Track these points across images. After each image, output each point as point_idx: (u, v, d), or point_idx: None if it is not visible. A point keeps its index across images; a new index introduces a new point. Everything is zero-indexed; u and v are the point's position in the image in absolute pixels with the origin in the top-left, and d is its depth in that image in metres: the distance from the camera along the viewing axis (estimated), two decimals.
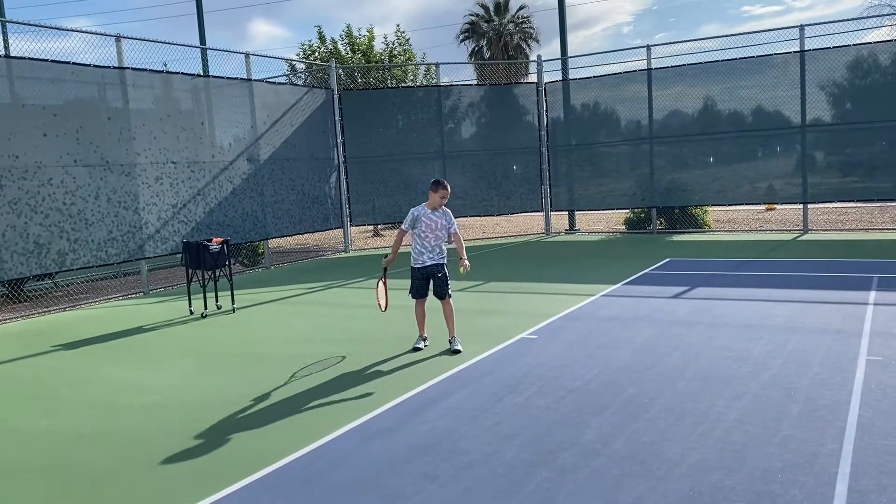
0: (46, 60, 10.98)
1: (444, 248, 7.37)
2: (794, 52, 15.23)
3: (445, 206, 7.31)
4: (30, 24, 11.24)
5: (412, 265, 7.35)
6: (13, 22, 12.16)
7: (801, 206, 16.02)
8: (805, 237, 14.99)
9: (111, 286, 13.44)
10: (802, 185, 15.53)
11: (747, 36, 17.98)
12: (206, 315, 9.99)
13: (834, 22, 14.90)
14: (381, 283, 7.44)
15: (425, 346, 7.45)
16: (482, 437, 4.84)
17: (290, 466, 4.56)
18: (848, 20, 16.64)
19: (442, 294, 7.30)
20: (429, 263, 7.26)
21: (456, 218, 7.59)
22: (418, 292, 7.38)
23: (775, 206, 19.43)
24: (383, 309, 7.47)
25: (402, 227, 7.38)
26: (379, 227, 22.09)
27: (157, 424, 5.58)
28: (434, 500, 3.97)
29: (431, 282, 7.33)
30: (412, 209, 7.29)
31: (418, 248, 7.28)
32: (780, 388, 5.47)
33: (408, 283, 7.42)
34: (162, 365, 7.51)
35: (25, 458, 5.03)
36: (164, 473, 4.60)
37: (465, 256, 7.09)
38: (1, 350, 8.68)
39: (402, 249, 7.55)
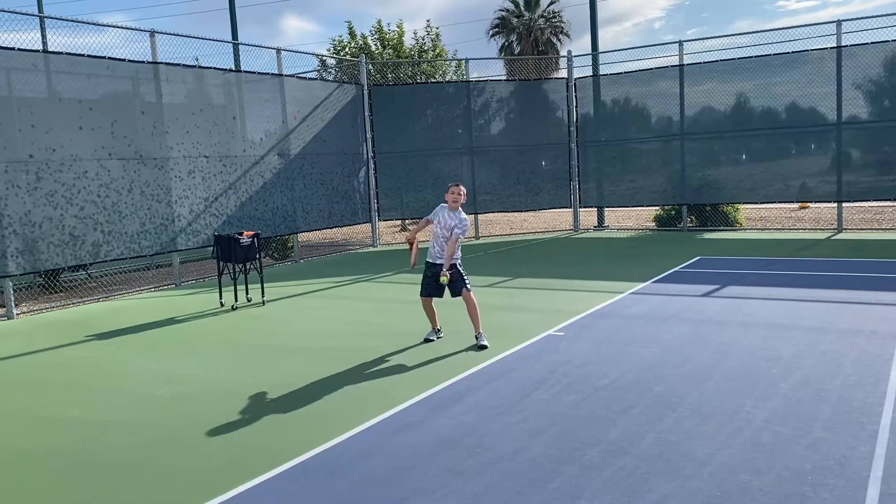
0: (83, 55, 11.18)
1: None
2: (831, 48, 14.95)
3: (461, 208, 7.35)
4: (66, 20, 11.45)
5: (427, 259, 7.46)
6: (51, 17, 12.41)
7: (835, 204, 15.75)
8: (839, 236, 14.73)
9: (144, 278, 13.66)
10: (837, 184, 15.26)
11: (782, 31, 17.73)
12: (236, 307, 10.11)
13: (872, 17, 14.63)
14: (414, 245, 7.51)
15: (438, 338, 7.54)
16: (508, 433, 4.85)
17: (317, 459, 4.61)
18: (886, 15, 16.28)
19: (456, 291, 7.29)
20: (438, 261, 7.30)
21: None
22: (425, 290, 7.43)
23: (809, 204, 19.11)
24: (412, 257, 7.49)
25: (429, 216, 7.51)
26: (407, 221, 22.14)
27: (187, 414, 5.67)
28: (458, 495, 3.99)
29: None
30: (441, 203, 7.43)
31: (432, 242, 7.42)
32: (812, 389, 5.39)
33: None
34: (193, 356, 7.63)
35: (57, 445, 5.14)
36: (191, 463, 4.68)
37: (447, 268, 7.12)
38: (37, 339, 8.87)
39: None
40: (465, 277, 7.36)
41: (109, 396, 6.28)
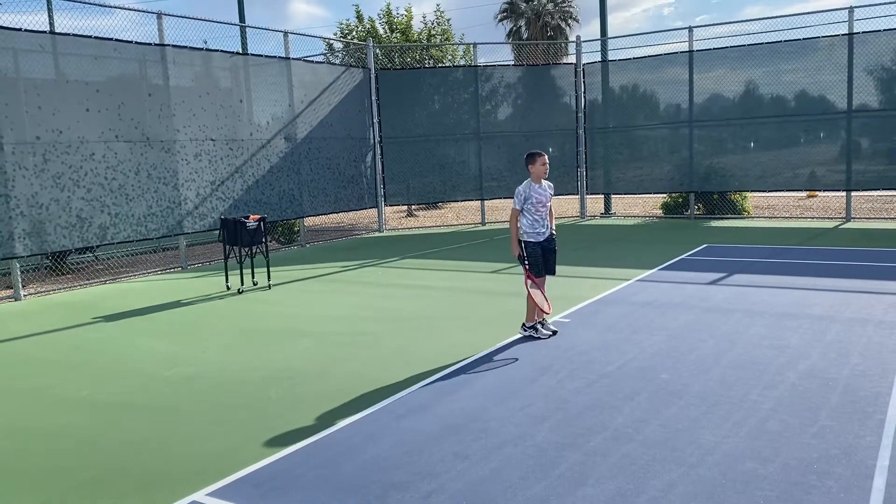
0: (90, 37, 11.15)
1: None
2: (842, 34, 14.80)
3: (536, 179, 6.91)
4: (74, 1, 11.39)
5: (528, 240, 6.91)
6: None
7: (843, 193, 15.65)
8: (847, 225, 14.66)
9: (150, 260, 13.69)
10: (846, 172, 15.16)
11: (792, 18, 17.56)
12: (242, 291, 10.13)
13: (884, 4, 14.44)
14: (531, 286, 6.83)
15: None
16: (513, 419, 4.85)
17: (324, 441, 4.62)
18: None
19: (553, 269, 7.08)
20: (547, 234, 6.94)
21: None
22: (542, 269, 6.98)
23: (817, 193, 19.00)
24: (548, 310, 6.93)
25: (516, 207, 6.87)
26: (413, 207, 22.12)
27: (193, 396, 5.69)
28: (463, 479, 4.00)
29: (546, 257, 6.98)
30: (518, 190, 6.88)
31: (531, 221, 6.91)
32: (818, 379, 5.38)
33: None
34: (199, 338, 7.65)
35: (65, 425, 5.17)
36: (197, 444, 4.70)
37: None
38: (45, 320, 8.91)
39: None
40: (527, 262, 6.91)
41: (117, 377, 6.30)
